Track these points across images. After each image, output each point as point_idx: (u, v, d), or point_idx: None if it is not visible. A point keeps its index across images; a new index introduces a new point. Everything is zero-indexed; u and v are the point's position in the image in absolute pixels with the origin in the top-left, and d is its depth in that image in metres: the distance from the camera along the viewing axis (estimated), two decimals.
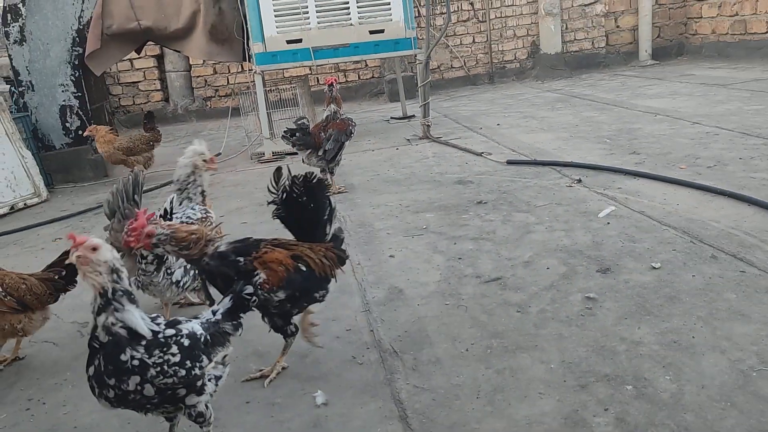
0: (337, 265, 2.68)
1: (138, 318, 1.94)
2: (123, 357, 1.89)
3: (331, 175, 5.48)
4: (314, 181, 2.62)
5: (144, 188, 3.32)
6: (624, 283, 3.11)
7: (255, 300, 2.28)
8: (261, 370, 2.68)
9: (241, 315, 2.22)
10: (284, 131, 5.35)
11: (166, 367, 1.94)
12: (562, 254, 3.55)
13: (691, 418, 2.07)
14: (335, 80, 5.80)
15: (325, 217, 2.70)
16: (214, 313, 2.20)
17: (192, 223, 3.15)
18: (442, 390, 2.40)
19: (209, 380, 2.08)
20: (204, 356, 2.05)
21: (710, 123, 6.28)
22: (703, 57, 11.59)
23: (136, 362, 1.90)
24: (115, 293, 1.91)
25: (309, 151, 5.33)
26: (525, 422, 2.16)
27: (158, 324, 2.02)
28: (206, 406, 2.09)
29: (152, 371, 1.92)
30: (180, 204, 3.44)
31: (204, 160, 3.48)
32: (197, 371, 2.01)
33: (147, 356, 1.92)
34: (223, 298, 2.24)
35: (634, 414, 2.13)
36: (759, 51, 10.35)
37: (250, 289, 2.24)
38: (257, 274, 2.44)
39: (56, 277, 3.06)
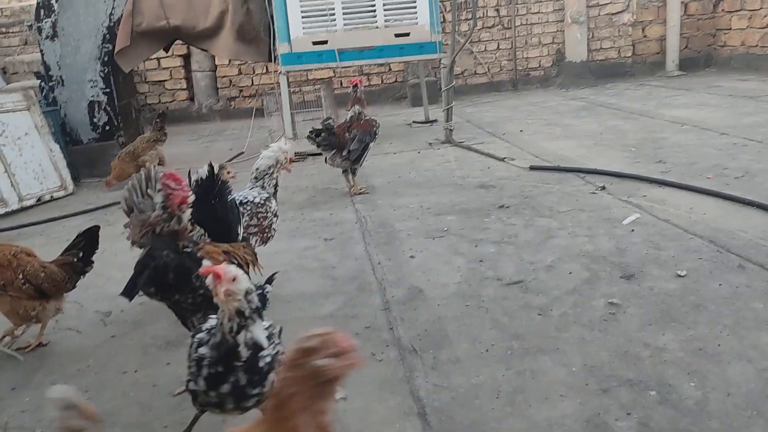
0: (256, 262, 2.82)
1: (261, 330, 2.00)
2: (261, 363, 1.96)
3: (353, 176, 5.49)
4: (211, 181, 2.74)
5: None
6: (648, 290, 3.07)
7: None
8: None
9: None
10: (310, 131, 5.38)
11: (278, 355, 2.02)
12: (584, 260, 3.52)
13: (717, 425, 2.04)
14: (360, 81, 5.81)
15: (232, 218, 2.79)
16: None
17: (247, 203, 3.39)
18: (462, 389, 2.39)
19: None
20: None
21: (738, 134, 6.20)
22: (732, 69, 11.43)
23: (268, 359, 1.97)
24: (252, 313, 1.97)
25: (333, 151, 5.35)
26: (546, 424, 2.14)
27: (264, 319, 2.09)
28: None
29: (274, 362, 1.99)
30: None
31: (285, 159, 3.62)
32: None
33: (272, 351, 2.00)
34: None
35: (658, 419, 2.10)
36: None
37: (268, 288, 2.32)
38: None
39: (74, 260, 3.11)
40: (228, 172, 3.57)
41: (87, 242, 3.18)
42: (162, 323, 3.21)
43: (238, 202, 3.28)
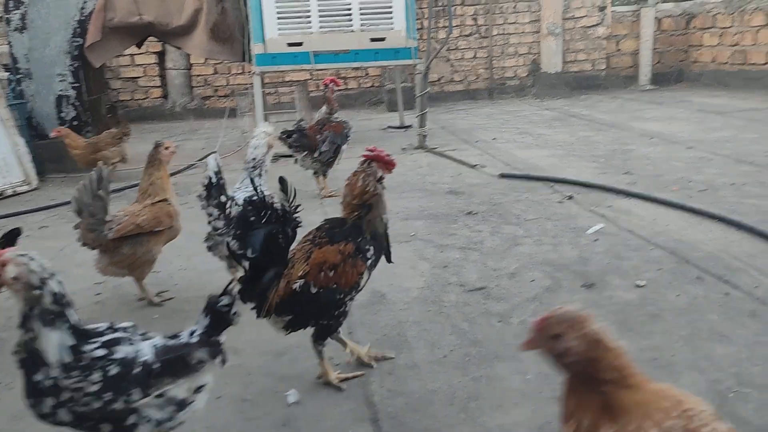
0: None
1: (53, 340, 1.74)
2: (38, 377, 1.73)
3: (324, 178, 5.46)
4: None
5: (110, 184, 3.27)
6: (608, 299, 3.09)
7: (234, 312, 1.97)
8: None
9: (220, 336, 1.94)
10: (281, 132, 5.34)
11: (81, 395, 1.72)
12: (548, 268, 3.53)
13: None
14: (334, 80, 5.78)
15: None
16: (192, 333, 1.92)
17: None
18: (417, 395, 2.37)
19: (146, 421, 1.79)
20: (136, 389, 1.76)
21: (705, 148, 6.30)
22: (702, 85, 11.64)
23: (49, 383, 1.72)
24: (32, 311, 1.73)
25: (305, 152, 5.32)
26: (498, 431, 2.13)
27: (99, 340, 1.80)
28: None
29: (66, 395, 1.72)
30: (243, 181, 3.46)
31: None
32: (120, 405, 1.74)
33: (63, 378, 1.72)
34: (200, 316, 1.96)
35: None
36: (758, 81, 10.41)
37: (226, 300, 1.94)
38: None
39: None
40: (167, 148, 3.51)
41: (4, 246, 3.04)
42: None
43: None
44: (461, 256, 3.80)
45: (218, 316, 1.92)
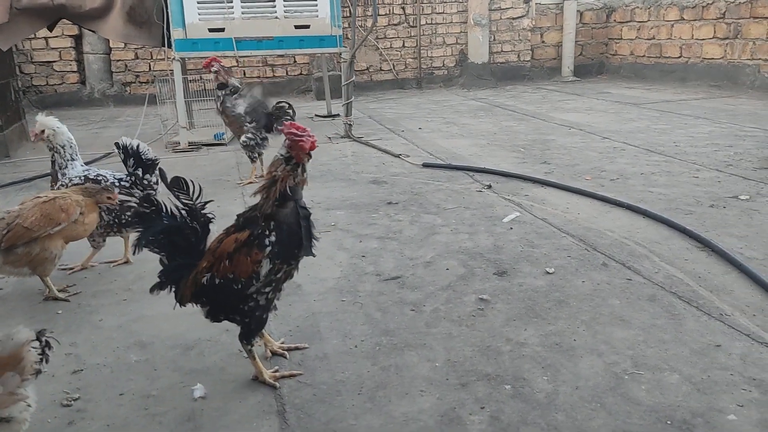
0: None
1: None
2: None
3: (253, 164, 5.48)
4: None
5: None
6: (518, 286, 3.17)
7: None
8: None
9: None
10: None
11: None
12: (463, 256, 3.59)
13: (562, 418, 2.12)
14: (212, 60, 5.57)
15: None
16: None
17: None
18: (325, 386, 2.37)
19: None
20: None
21: (619, 139, 6.54)
22: (621, 77, 12.09)
23: None
24: None
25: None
26: (402, 419, 2.15)
27: None
28: None
29: None
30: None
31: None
32: None
33: None
34: None
35: (509, 413, 2.16)
36: (672, 74, 10.89)
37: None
38: None
39: None
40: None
41: None
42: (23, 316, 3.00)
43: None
44: (379, 246, 3.82)
45: None
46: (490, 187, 4.95)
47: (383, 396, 2.29)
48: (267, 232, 2.25)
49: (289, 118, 5.32)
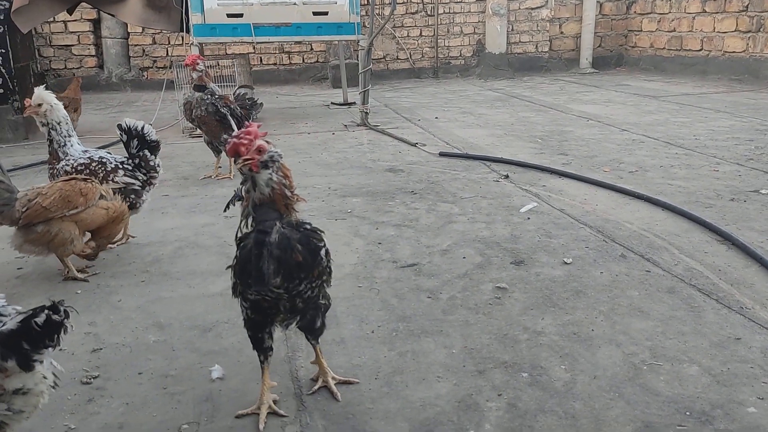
0: None
1: None
2: None
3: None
4: None
5: None
6: (535, 276, 3.16)
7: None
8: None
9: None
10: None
11: None
12: (479, 245, 3.58)
13: (579, 406, 2.11)
14: (193, 59, 5.21)
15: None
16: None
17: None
18: (342, 369, 2.37)
19: None
20: None
21: (638, 131, 6.48)
22: (640, 69, 11.96)
23: None
24: None
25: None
26: (419, 404, 2.15)
27: None
28: None
29: None
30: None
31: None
32: None
33: None
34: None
35: (526, 400, 2.15)
36: (692, 67, 10.76)
37: (43, 317, 1.62)
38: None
39: None
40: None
41: None
42: (44, 295, 3.04)
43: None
44: (396, 233, 3.81)
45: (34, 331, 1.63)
46: (507, 177, 4.93)
47: (400, 381, 2.30)
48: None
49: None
